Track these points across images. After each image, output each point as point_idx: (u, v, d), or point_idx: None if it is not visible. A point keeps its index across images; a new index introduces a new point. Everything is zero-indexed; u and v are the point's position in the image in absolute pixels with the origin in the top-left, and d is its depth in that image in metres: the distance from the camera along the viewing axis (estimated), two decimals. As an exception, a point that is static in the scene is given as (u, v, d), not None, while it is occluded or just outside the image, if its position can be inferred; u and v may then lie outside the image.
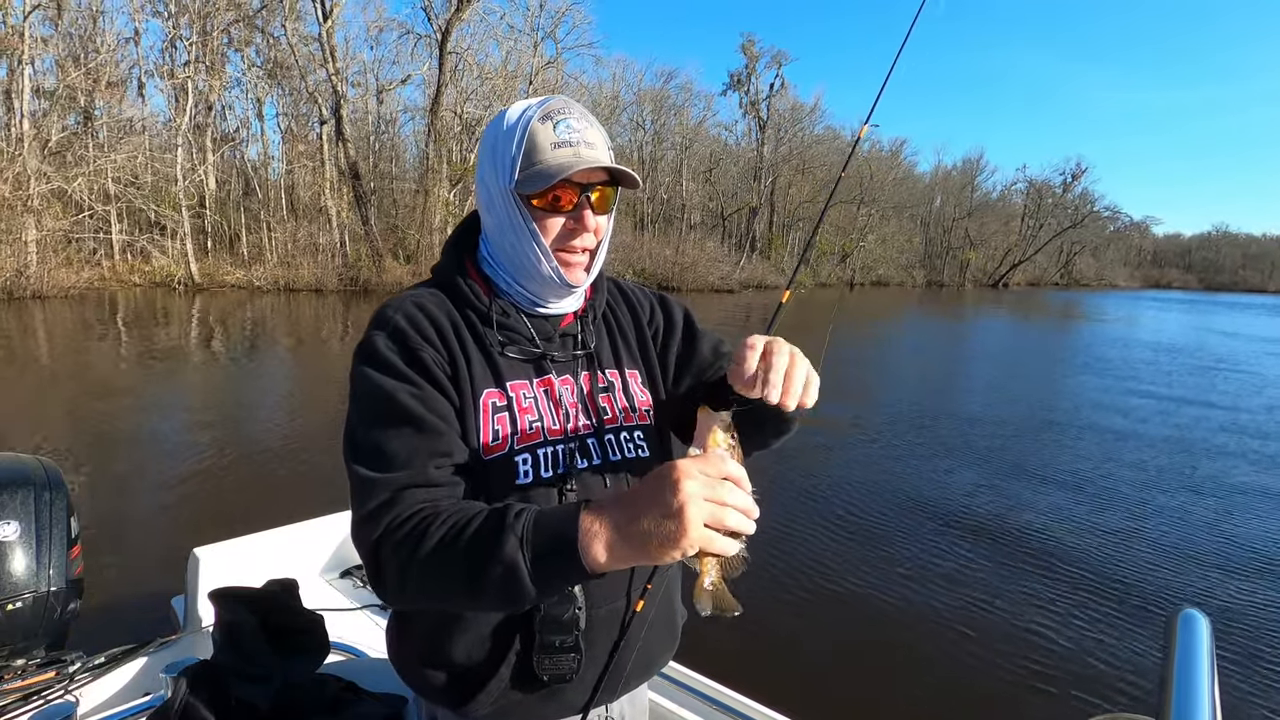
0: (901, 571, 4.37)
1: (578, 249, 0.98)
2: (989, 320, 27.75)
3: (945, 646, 3.54)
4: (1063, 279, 74.81)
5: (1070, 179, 65.60)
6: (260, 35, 28.27)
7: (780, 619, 3.74)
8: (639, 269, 33.93)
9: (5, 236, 18.06)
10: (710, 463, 0.71)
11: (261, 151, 30.90)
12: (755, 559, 0.74)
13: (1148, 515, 5.55)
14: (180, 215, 23.23)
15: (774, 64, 47.01)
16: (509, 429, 0.95)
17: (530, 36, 31.33)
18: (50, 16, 23.10)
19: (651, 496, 0.69)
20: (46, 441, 6.48)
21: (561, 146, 0.93)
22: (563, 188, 0.94)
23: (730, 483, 0.70)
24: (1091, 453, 7.45)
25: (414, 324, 0.94)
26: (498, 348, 0.98)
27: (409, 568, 0.80)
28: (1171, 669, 0.64)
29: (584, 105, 1.00)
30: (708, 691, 1.69)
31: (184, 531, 4.60)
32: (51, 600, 1.69)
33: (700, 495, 0.67)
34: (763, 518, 0.71)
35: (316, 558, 2.46)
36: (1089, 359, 15.78)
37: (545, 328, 1.04)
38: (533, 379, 1.00)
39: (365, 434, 0.89)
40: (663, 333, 1.17)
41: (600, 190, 0.97)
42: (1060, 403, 10.30)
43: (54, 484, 1.79)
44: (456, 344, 0.96)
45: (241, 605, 1.42)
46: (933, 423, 8.57)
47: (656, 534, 0.67)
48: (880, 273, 53.25)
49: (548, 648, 0.94)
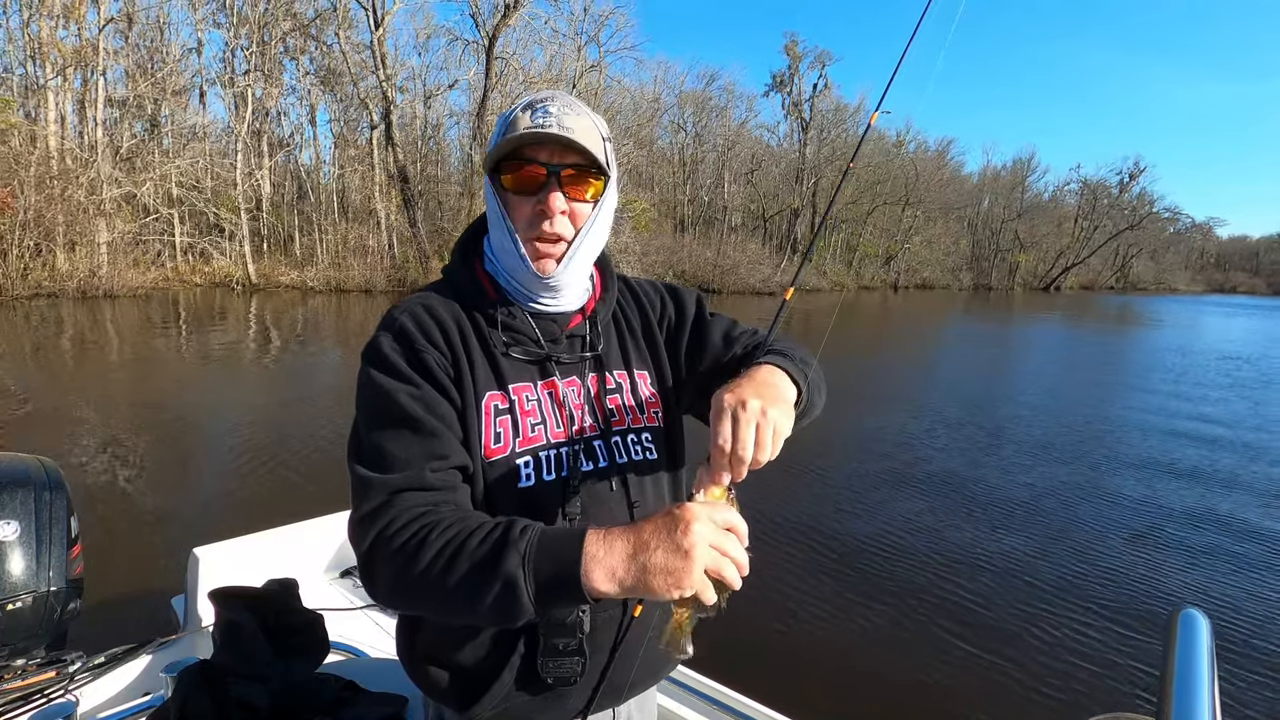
0: (913, 583, 4.32)
1: (548, 235, 0.95)
2: (1039, 328, 26.90)
3: (949, 648, 3.51)
4: (1118, 283, 72.15)
5: (1128, 178, 63.35)
6: (314, 44, 29.22)
7: (788, 623, 3.73)
8: (679, 271, 33.94)
9: (81, 239, 19.05)
10: (719, 511, 0.73)
11: (314, 156, 31.98)
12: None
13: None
14: (239, 218, 24.16)
15: (817, 64, 46.56)
16: (510, 432, 0.95)
17: (574, 40, 31.66)
18: (121, 29, 24.30)
19: (661, 533, 0.71)
20: (78, 437, 6.83)
21: (533, 129, 0.91)
22: (530, 167, 0.93)
23: (734, 535, 0.73)
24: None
25: (420, 325, 0.95)
26: (502, 349, 0.97)
27: (404, 576, 0.79)
28: (1171, 669, 0.63)
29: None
30: (717, 696, 1.68)
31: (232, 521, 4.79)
32: (51, 600, 1.68)
33: (708, 541, 0.70)
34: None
35: (316, 557, 2.46)
36: (1154, 369, 15.17)
37: (552, 329, 1.02)
38: (536, 381, 0.99)
39: (367, 434, 0.90)
40: (674, 324, 1.15)
41: (575, 173, 0.94)
42: (1124, 427, 9.95)
43: (54, 484, 1.79)
44: (461, 346, 0.95)
45: (241, 605, 1.43)
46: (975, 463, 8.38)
47: (661, 570, 0.69)
48: (925, 275, 52.15)
49: (552, 650, 0.94)
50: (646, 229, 32.41)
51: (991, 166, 64.49)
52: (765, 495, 5.34)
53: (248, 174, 25.78)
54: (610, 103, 34.58)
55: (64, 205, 18.56)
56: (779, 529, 4.91)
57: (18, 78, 21.78)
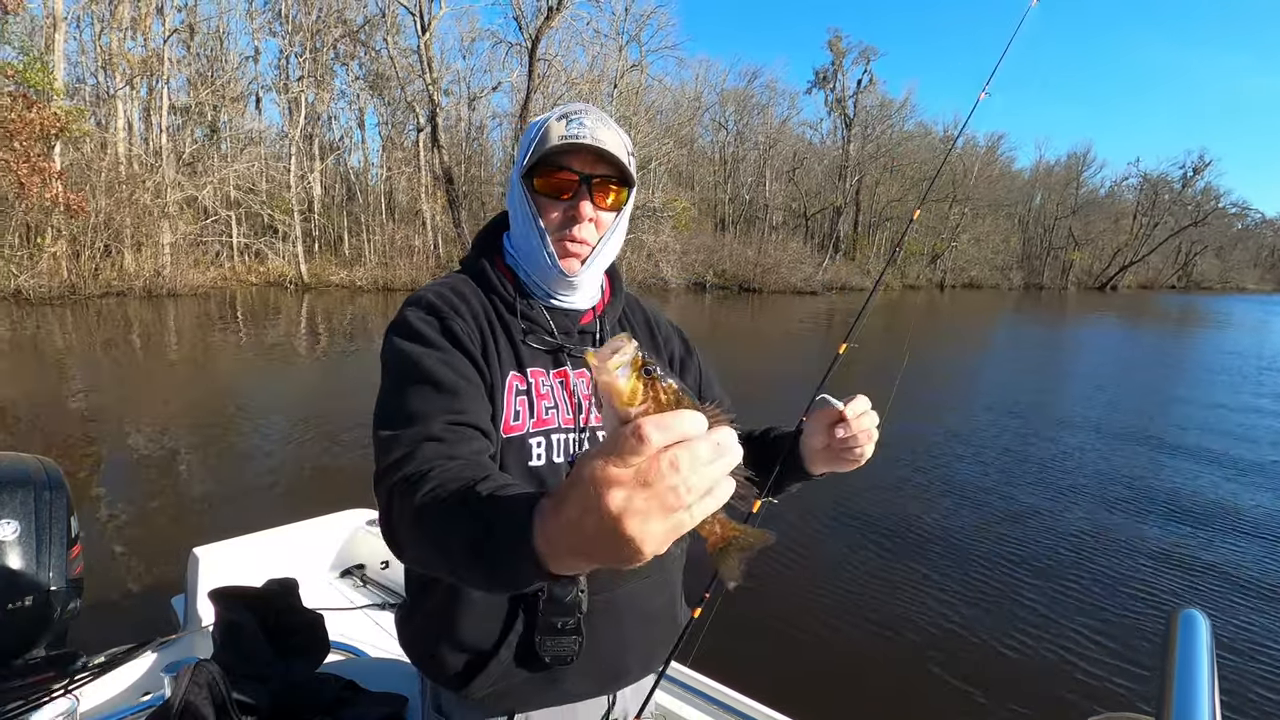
0: (919, 586, 4.25)
1: (576, 238, 1.01)
2: (1094, 328, 25.95)
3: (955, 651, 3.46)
4: (1180, 281, 69.06)
5: (1191, 173, 60.52)
6: (363, 49, 30.05)
7: (792, 624, 3.72)
8: (720, 270, 33.80)
9: (146, 240, 20.01)
10: (649, 427, 0.44)
11: (362, 159, 32.92)
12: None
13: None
14: (292, 219, 25.02)
15: (862, 59, 45.81)
16: (527, 412, 0.99)
17: (615, 41, 31.84)
18: (184, 39, 25.42)
19: (581, 513, 0.48)
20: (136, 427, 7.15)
21: (568, 138, 0.97)
22: (563, 173, 0.99)
23: (686, 451, 0.44)
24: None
25: (446, 300, 1.00)
26: (520, 335, 1.03)
27: (402, 523, 0.76)
28: (1172, 669, 0.63)
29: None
30: (717, 696, 1.68)
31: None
32: (51, 600, 1.67)
33: (638, 495, 0.44)
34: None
35: (317, 557, 2.46)
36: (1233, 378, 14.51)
37: (565, 323, 1.08)
38: (550, 369, 1.04)
39: (390, 399, 0.91)
40: (678, 365, 1.22)
41: (603, 182, 1.01)
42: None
43: (54, 484, 1.78)
44: (486, 323, 1.01)
45: (242, 605, 1.43)
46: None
47: (609, 551, 0.47)
48: (973, 274, 50.79)
49: (550, 629, 0.97)
50: (686, 228, 32.38)
51: (1044, 162, 62.54)
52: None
53: (300, 177, 26.67)
54: (651, 102, 34.68)
55: (131, 208, 19.51)
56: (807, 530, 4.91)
57: (89, 88, 23.02)
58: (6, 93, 15.10)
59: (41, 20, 19.68)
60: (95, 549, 4.12)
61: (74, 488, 1.82)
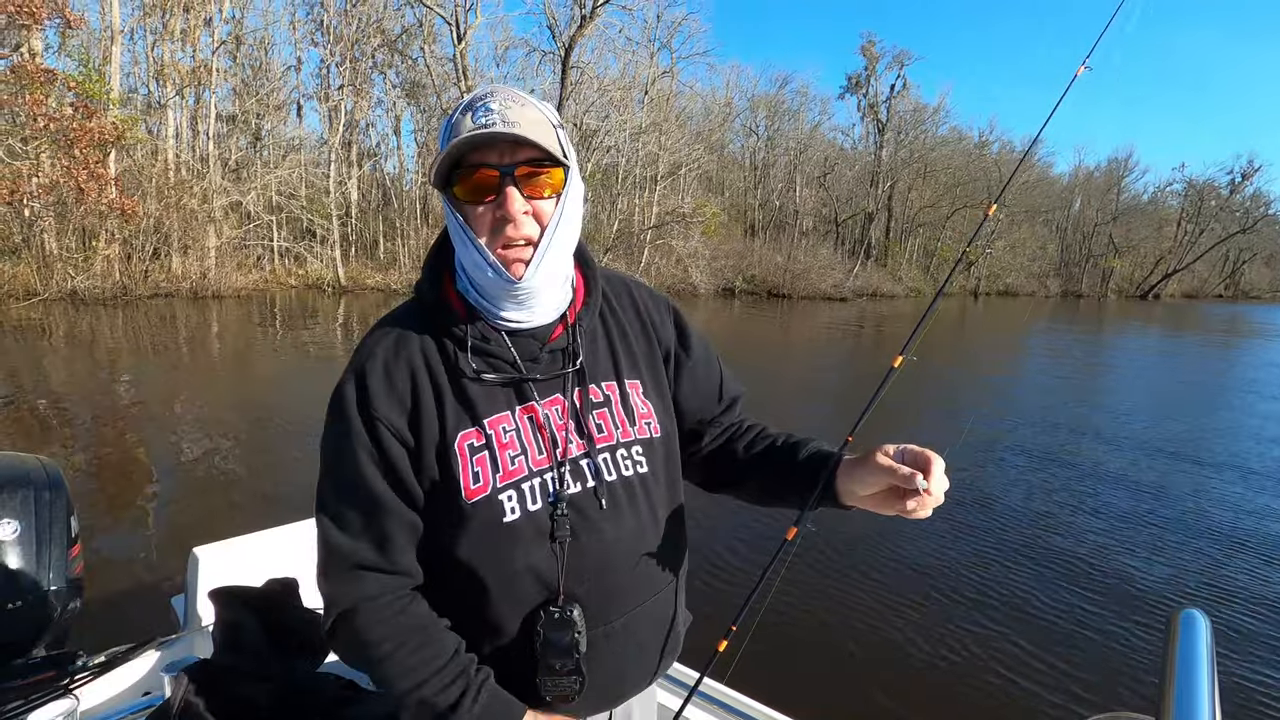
0: (927, 591, 4.26)
1: (514, 239, 0.89)
2: (1139, 339, 25.26)
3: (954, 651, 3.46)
4: (1227, 290, 66.74)
5: (1240, 178, 58.56)
6: (400, 58, 30.76)
7: (795, 624, 3.74)
8: (749, 275, 33.74)
9: (193, 244, 20.76)
10: None
11: (398, 165, 33.63)
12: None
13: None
14: (330, 224, 25.69)
15: (895, 64, 45.35)
16: (489, 469, 0.92)
17: (646, 48, 32.09)
18: (230, 50, 26.32)
19: None
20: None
21: (476, 130, 0.85)
22: (480, 171, 0.88)
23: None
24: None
25: (386, 372, 0.92)
26: (473, 375, 0.93)
27: (361, 666, 0.94)
28: (1172, 669, 0.63)
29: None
30: (718, 696, 1.69)
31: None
32: (51, 600, 1.67)
33: None
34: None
35: (317, 557, 2.49)
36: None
37: (530, 347, 0.97)
38: (514, 408, 0.95)
39: (330, 491, 0.93)
40: (673, 362, 1.12)
41: (529, 169, 0.88)
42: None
43: (54, 484, 1.78)
44: (429, 386, 0.92)
45: (242, 604, 1.43)
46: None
47: None
48: (1009, 281, 49.81)
49: (549, 670, 0.95)
50: (716, 234, 32.40)
51: (1084, 167, 61.06)
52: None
53: (339, 182, 27.37)
54: (681, 108, 34.80)
55: (180, 213, 20.26)
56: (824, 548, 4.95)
57: (141, 97, 23.95)
58: (68, 103, 15.83)
59: (99, 33, 20.60)
60: (95, 549, 4.18)
61: (72, 487, 1.86)
